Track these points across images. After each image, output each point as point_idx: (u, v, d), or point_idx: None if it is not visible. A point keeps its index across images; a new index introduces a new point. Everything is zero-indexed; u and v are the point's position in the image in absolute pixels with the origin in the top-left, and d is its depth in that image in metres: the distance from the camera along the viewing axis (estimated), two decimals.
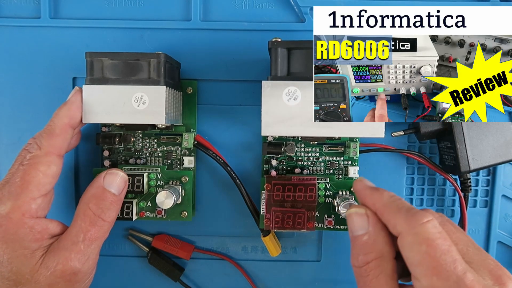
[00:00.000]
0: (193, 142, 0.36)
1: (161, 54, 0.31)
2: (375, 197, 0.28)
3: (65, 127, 0.30)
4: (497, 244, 0.38)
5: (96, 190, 0.31)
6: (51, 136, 0.30)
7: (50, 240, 0.29)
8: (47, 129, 0.30)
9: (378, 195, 0.28)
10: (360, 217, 0.28)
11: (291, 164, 0.37)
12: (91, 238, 0.29)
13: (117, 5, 0.37)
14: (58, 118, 0.30)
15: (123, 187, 0.32)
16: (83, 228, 0.29)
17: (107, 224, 0.30)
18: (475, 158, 0.34)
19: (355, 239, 0.27)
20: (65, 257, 0.28)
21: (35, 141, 0.30)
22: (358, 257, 0.27)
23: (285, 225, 0.34)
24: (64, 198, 0.38)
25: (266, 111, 0.29)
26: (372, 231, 0.27)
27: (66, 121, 0.30)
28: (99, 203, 0.30)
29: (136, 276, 0.39)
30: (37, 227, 0.28)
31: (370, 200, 0.28)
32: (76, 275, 0.29)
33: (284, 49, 0.30)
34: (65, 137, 0.31)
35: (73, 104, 0.31)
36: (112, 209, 0.31)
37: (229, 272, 0.39)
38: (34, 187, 0.28)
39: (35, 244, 0.28)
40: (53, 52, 0.37)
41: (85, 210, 0.30)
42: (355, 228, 0.28)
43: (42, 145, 0.29)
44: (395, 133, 0.36)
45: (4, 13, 0.37)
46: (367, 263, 0.26)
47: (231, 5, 0.37)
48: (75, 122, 0.31)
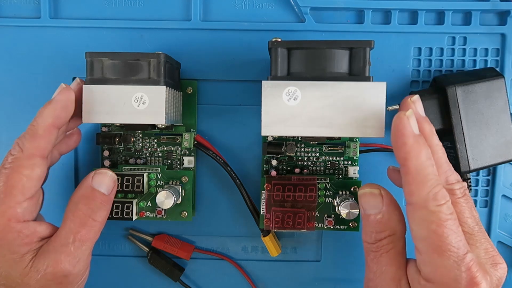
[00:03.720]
0: (193, 142, 0.36)
1: (161, 54, 0.31)
2: (414, 151, 0.25)
3: (49, 127, 0.29)
4: (497, 244, 0.38)
5: (85, 190, 0.30)
6: (34, 138, 0.28)
7: (39, 243, 0.28)
8: (30, 130, 0.29)
9: (417, 149, 0.25)
10: (374, 197, 0.28)
11: (291, 164, 0.37)
12: (82, 239, 0.29)
13: (117, 5, 0.37)
14: (42, 118, 0.29)
15: (113, 186, 0.31)
16: (73, 229, 0.29)
17: (98, 224, 0.30)
18: (475, 158, 0.34)
19: (368, 217, 0.28)
20: (55, 259, 0.28)
21: (17, 143, 0.29)
22: (372, 234, 0.27)
23: (285, 225, 0.34)
24: (64, 198, 0.38)
25: (266, 111, 0.29)
26: (386, 211, 0.27)
27: (50, 121, 0.29)
28: (89, 203, 0.29)
29: (136, 276, 0.39)
30: (25, 231, 0.28)
31: (404, 150, 0.25)
32: (67, 277, 0.28)
33: (284, 49, 0.30)
34: (49, 138, 0.29)
35: (58, 103, 0.29)
36: (102, 209, 0.30)
37: (229, 272, 0.39)
38: (18, 192, 0.28)
39: (24, 248, 0.28)
40: (53, 52, 0.37)
41: (74, 211, 0.29)
42: (368, 207, 0.28)
43: (25, 147, 0.28)
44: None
45: (4, 13, 0.37)
46: (380, 240, 0.27)
47: (231, 5, 0.37)
48: (60, 122, 0.29)
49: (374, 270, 0.27)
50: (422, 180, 0.25)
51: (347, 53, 0.29)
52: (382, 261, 0.27)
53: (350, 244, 0.39)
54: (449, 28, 0.37)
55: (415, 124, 0.26)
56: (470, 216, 0.27)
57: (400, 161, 0.26)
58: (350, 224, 0.35)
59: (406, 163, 0.25)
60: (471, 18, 0.37)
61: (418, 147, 0.25)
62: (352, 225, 0.35)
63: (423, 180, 0.25)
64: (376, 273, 0.27)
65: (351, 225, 0.35)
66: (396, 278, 0.27)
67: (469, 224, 0.26)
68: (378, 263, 0.27)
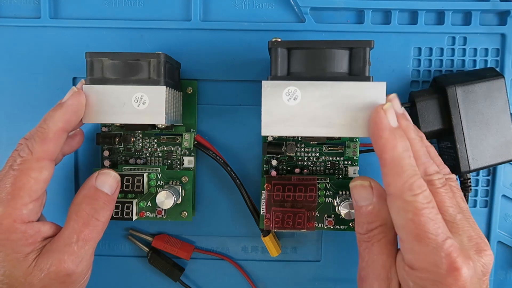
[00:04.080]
0: (193, 142, 0.36)
1: (161, 54, 0.31)
2: (390, 143, 0.26)
3: (59, 132, 0.29)
4: (497, 244, 0.38)
5: (89, 190, 0.30)
6: (44, 141, 0.28)
7: (43, 242, 0.29)
8: (40, 132, 0.29)
9: (393, 141, 0.26)
10: (365, 189, 0.29)
11: (291, 164, 0.37)
12: (85, 239, 0.29)
13: (117, 5, 0.37)
14: (53, 122, 0.29)
15: (116, 187, 0.32)
16: (76, 229, 0.29)
17: (101, 224, 0.30)
18: (475, 158, 0.34)
19: (360, 208, 0.29)
20: (58, 259, 0.28)
21: (27, 144, 0.29)
22: (363, 225, 0.29)
23: (285, 225, 0.34)
24: (64, 198, 0.38)
25: (266, 111, 0.29)
26: (376, 202, 0.28)
27: (60, 126, 0.29)
28: (92, 203, 0.30)
29: (136, 276, 0.39)
30: (30, 232, 0.28)
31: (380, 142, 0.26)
32: (70, 277, 0.28)
33: (284, 49, 0.30)
34: (59, 142, 0.29)
35: (70, 108, 0.29)
36: (105, 209, 0.30)
37: (229, 272, 0.39)
38: (25, 194, 0.28)
39: (28, 248, 0.28)
40: (53, 52, 0.37)
41: (77, 211, 0.29)
42: (359, 198, 0.29)
43: (34, 149, 0.28)
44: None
45: (4, 13, 0.37)
46: (371, 230, 0.28)
47: (231, 5, 0.37)
48: (70, 126, 0.29)
49: (366, 259, 0.28)
50: (398, 171, 0.26)
51: (347, 53, 0.29)
52: (374, 251, 0.28)
53: (350, 244, 0.39)
54: (449, 28, 0.37)
55: (393, 117, 0.27)
56: (451, 205, 0.27)
57: (377, 153, 0.27)
58: (350, 224, 0.35)
59: (382, 155, 0.26)
60: (471, 18, 0.37)
61: (394, 139, 0.26)
62: (352, 225, 0.35)
63: (399, 171, 0.25)
64: (368, 262, 0.28)
65: (351, 225, 0.35)
66: (386, 266, 0.27)
67: (450, 212, 0.27)
68: (370, 252, 0.28)
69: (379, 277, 0.27)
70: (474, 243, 0.26)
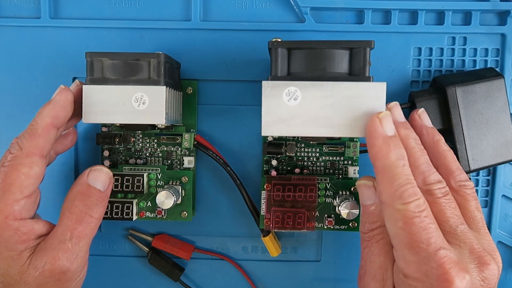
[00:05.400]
0: (193, 142, 0.36)
1: (161, 54, 0.31)
2: (383, 151, 0.26)
3: (47, 127, 0.29)
4: (497, 244, 0.38)
5: (81, 187, 0.30)
6: (33, 137, 0.29)
7: (37, 240, 0.29)
8: (29, 129, 0.29)
9: (386, 149, 0.26)
10: (368, 189, 0.29)
11: (291, 164, 0.37)
12: (79, 235, 0.29)
13: (117, 5, 0.37)
14: (41, 118, 0.29)
15: (108, 183, 0.31)
16: (70, 226, 0.29)
17: (95, 220, 0.30)
18: (475, 158, 0.34)
19: (364, 207, 0.30)
20: (52, 256, 0.28)
21: (17, 142, 0.29)
22: (365, 224, 0.29)
23: (285, 225, 0.34)
24: (64, 198, 0.38)
25: (266, 111, 0.29)
26: (379, 203, 0.28)
27: (49, 121, 0.29)
28: (85, 199, 0.30)
29: (136, 276, 0.39)
30: (23, 229, 0.28)
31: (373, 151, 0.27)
32: (65, 274, 0.28)
33: (284, 49, 0.30)
34: (48, 137, 0.29)
35: (57, 103, 0.30)
36: (99, 205, 0.30)
37: (229, 272, 0.39)
38: (16, 189, 0.28)
39: (21, 246, 0.28)
40: (53, 52, 0.37)
41: (70, 207, 0.29)
42: (363, 198, 0.30)
43: (24, 145, 0.28)
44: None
45: (4, 13, 0.37)
46: (372, 230, 0.29)
47: (231, 5, 0.37)
48: (58, 122, 0.30)
49: (365, 258, 0.29)
50: (389, 179, 0.26)
51: (347, 53, 0.29)
52: (372, 251, 0.28)
53: (350, 244, 0.39)
54: (449, 28, 0.37)
55: (390, 126, 0.27)
56: (452, 215, 0.27)
57: (371, 160, 0.27)
58: (350, 224, 0.35)
59: (374, 163, 0.27)
60: (471, 18, 0.37)
61: (387, 148, 0.26)
62: (352, 225, 0.35)
63: (391, 179, 0.26)
64: (366, 261, 0.29)
65: (351, 225, 0.35)
66: (383, 267, 0.28)
67: (451, 223, 0.26)
68: (369, 252, 0.29)
69: (374, 278, 0.28)
70: (476, 256, 0.26)
